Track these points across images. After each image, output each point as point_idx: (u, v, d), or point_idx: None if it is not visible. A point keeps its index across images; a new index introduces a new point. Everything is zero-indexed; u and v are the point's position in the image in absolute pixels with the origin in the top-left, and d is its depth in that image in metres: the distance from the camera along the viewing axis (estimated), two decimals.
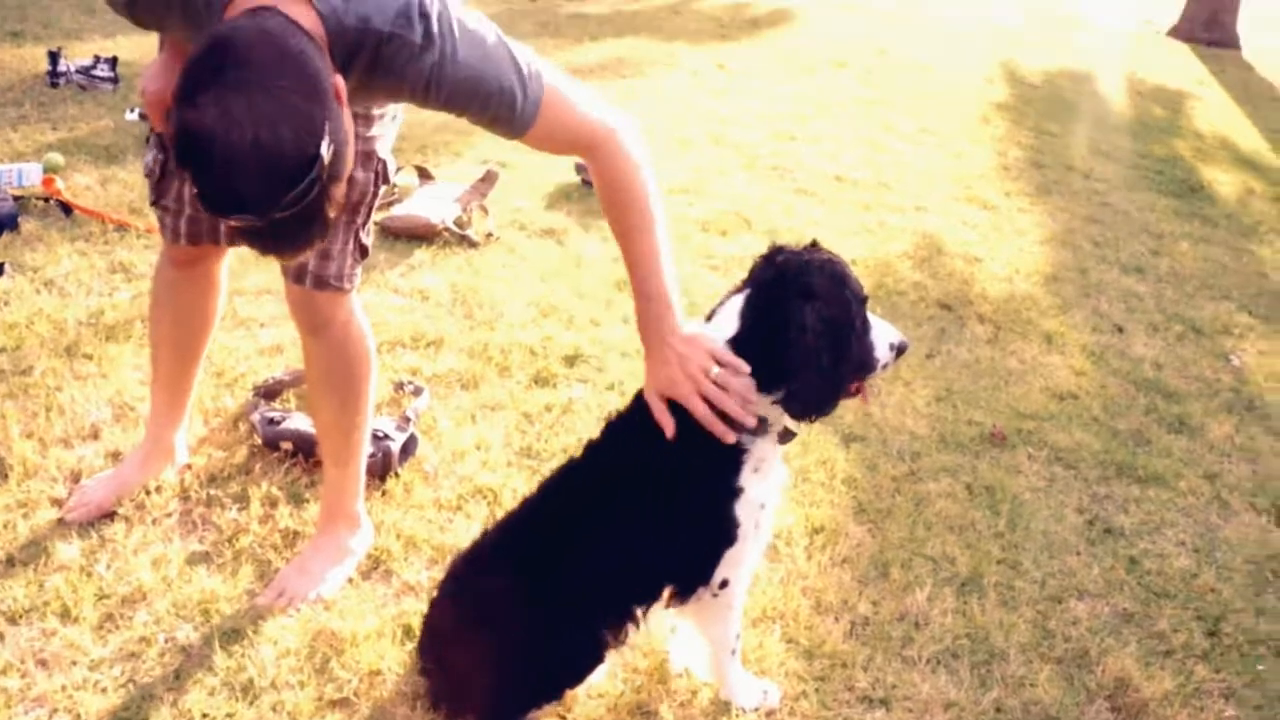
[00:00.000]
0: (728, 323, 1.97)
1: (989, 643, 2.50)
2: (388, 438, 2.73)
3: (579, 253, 4.36)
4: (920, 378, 3.73)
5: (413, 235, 4.22)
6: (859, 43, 10.18)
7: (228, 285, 2.62)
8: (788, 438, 2.04)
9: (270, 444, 2.78)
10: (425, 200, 4.36)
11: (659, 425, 1.96)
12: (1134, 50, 13.23)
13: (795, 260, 1.95)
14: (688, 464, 1.97)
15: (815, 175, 5.93)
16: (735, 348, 1.94)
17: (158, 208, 2.38)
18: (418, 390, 3.11)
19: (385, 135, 2.22)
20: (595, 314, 3.83)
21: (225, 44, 1.57)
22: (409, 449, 2.81)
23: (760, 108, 7.20)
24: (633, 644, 2.19)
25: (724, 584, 2.06)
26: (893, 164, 6.40)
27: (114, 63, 5.60)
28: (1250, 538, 3.11)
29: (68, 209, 3.97)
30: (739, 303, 1.97)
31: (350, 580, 2.41)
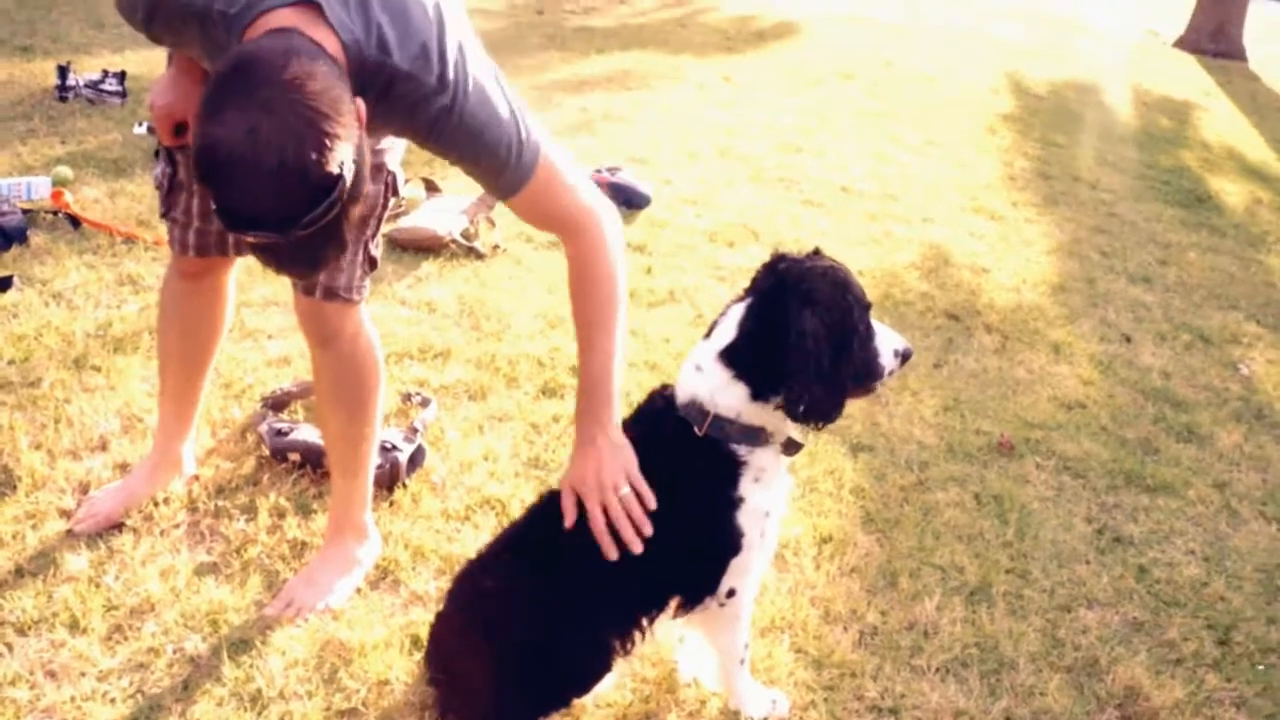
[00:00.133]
0: (728, 331, 1.97)
1: (998, 652, 2.49)
2: (396, 449, 2.73)
3: None
4: (928, 387, 3.73)
5: (420, 247, 4.23)
6: (865, 55, 10.19)
7: (235, 297, 2.62)
8: (794, 449, 2.03)
9: (278, 455, 2.78)
10: (432, 213, 4.37)
11: (659, 438, 1.98)
12: (1140, 61, 13.24)
13: (797, 267, 1.95)
14: (686, 475, 1.97)
15: (822, 186, 5.94)
16: (733, 356, 1.94)
17: (167, 220, 2.39)
18: (425, 401, 3.12)
19: (395, 148, 2.23)
20: None
21: (251, 62, 1.58)
22: (417, 460, 2.82)
23: (766, 120, 7.21)
24: (641, 654, 2.20)
25: (731, 593, 2.05)
26: (899, 175, 6.41)
27: (122, 77, 5.63)
28: (1260, 546, 3.10)
29: (76, 222, 3.99)
30: (740, 311, 1.97)
31: (358, 590, 2.41)
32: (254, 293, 3.61)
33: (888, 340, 2.00)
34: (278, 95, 1.54)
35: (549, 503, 2.07)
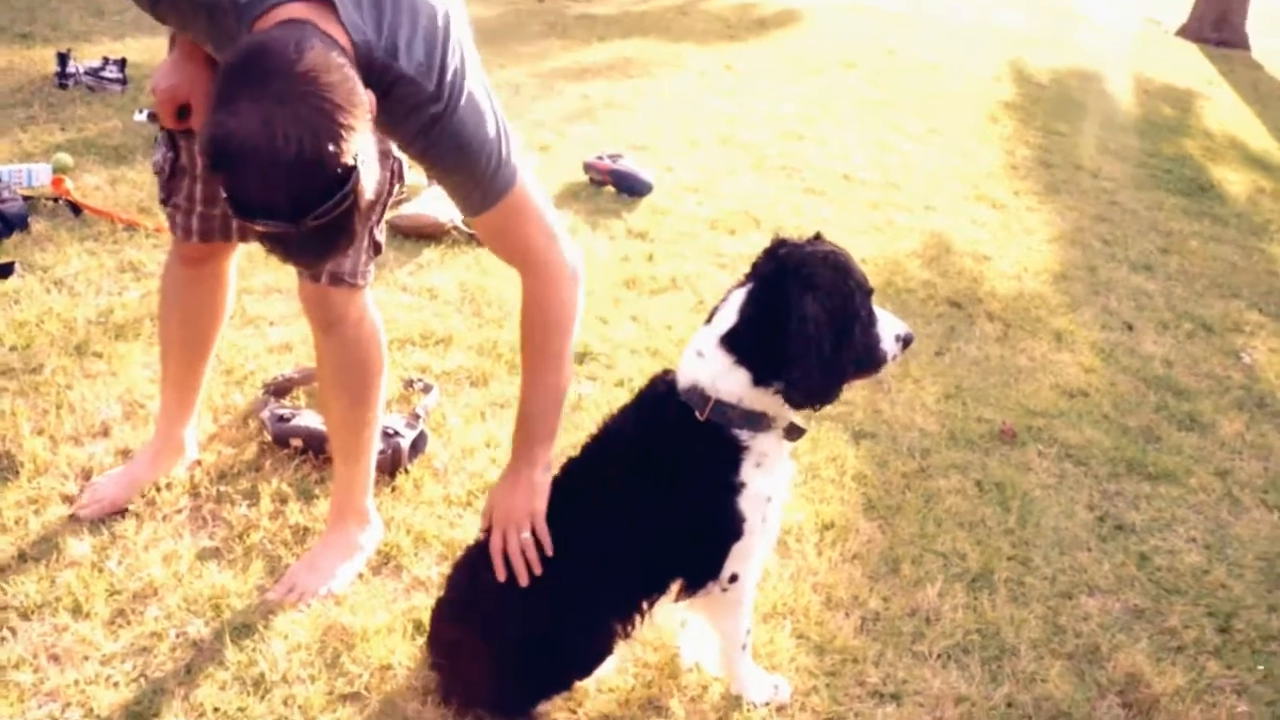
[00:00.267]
0: (729, 317, 1.96)
1: (1000, 638, 2.49)
2: (398, 434, 2.73)
3: (587, 251, 4.35)
4: (930, 375, 3.73)
5: (421, 234, 4.23)
6: (867, 43, 10.16)
7: (236, 283, 2.62)
8: (796, 434, 2.03)
9: (280, 441, 2.78)
10: (434, 200, 4.35)
11: (660, 423, 2.00)
12: (1142, 50, 13.19)
13: (798, 252, 1.95)
14: (687, 460, 1.97)
15: (823, 175, 5.93)
16: (734, 341, 1.94)
17: (168, 206, 2.38)
18: (427, 387, 3.12)
19: None
20: (603, 312, 3.83)
21: (265, 52, 1.57)
22: (419, 446, 2.82)
23: (768, 108, 7.19)
24: (643, 639, 2.20)
25: (733, 578, 2.06)
26: (901, 164, 6.40)
27: (122, 64, 5.62)
28: (1261, 534, 3.10)
29: (77, 209, 3.98)
30: (741, 296, 1.97)
31: (360, 576, 2.42)
32: (255, 279, 3.60)
33: (889, 325, 2.00)
34: (293, 86, 1.54)
35: (551, 489, 2.08)
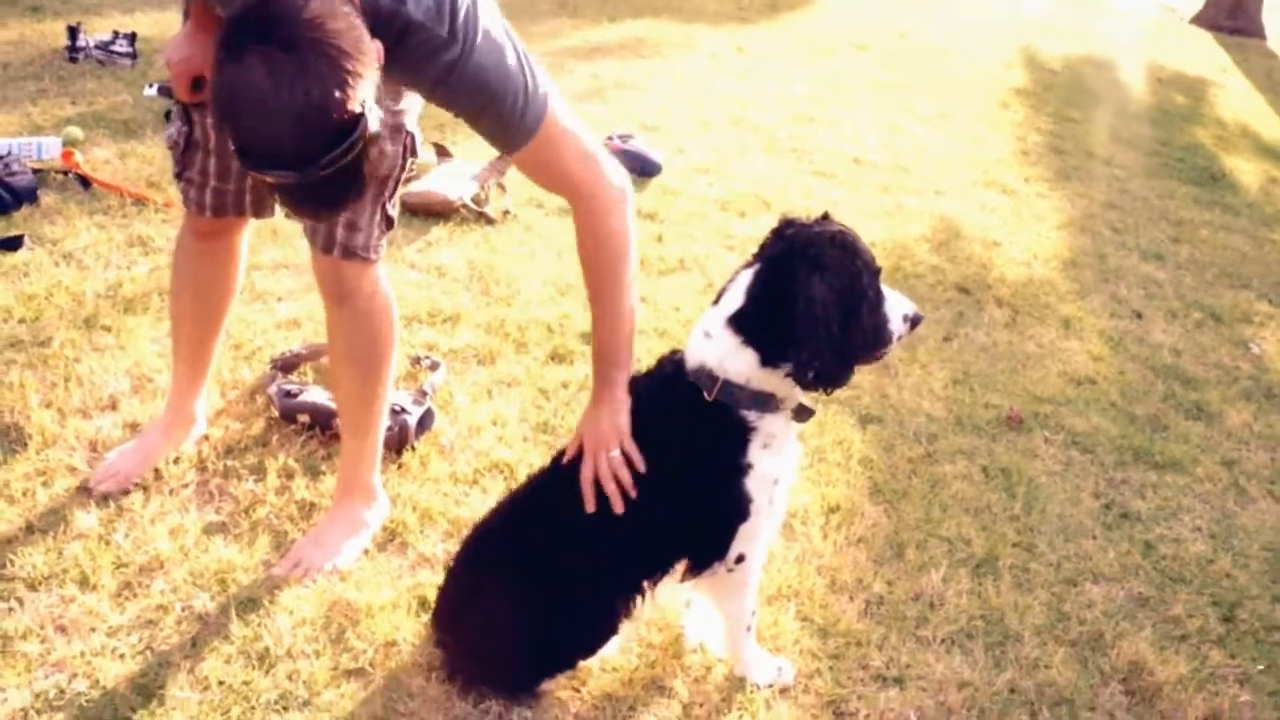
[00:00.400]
0: (737, 297, 1.96)
1: (1004, 624, 2.49)
2: (405, 411, 2.73)
3: None
4: (937, 360, 3.72)
5: (430, 212, 4.22)
6: (879, 26, 10.11)
7: (247, 259, 2.62)
8: (804, 415, 2.03)
9: (287, 416, 2.79)
10: (443, 177, 4.35)
11: (668, 403, 2.01)
12: (1156, 37, 13.11)
13: (805, 233, 1.94)
14: (695, 440, 1.97)
15: (834, 158, 5.91)
16: (741, 322, 1.93)
17: (181, 180, 2.38)
18: (434, 365, 3.12)
19: (413, 109, 2.22)
20: None
21: (270, 1, 1.56)
22: (425, 423, 2.82)
23: (779, 90, 7.16)
24: (648, 619, 2.20)
25: (740, 559, 2.06)
26: (912, 148, 6.37)
27: (132, 38, 5.60)
28: (1268, 525, 3.09)
29: (86, 182, 3.98)
30: (749, 277, 1.96)
31: (366, 552, 2.42)
32: (264, 255, 3.60)
33: (897, 305, 1.99)
34: (299, 33, 1.53)
35: (557, 466, 2.08)
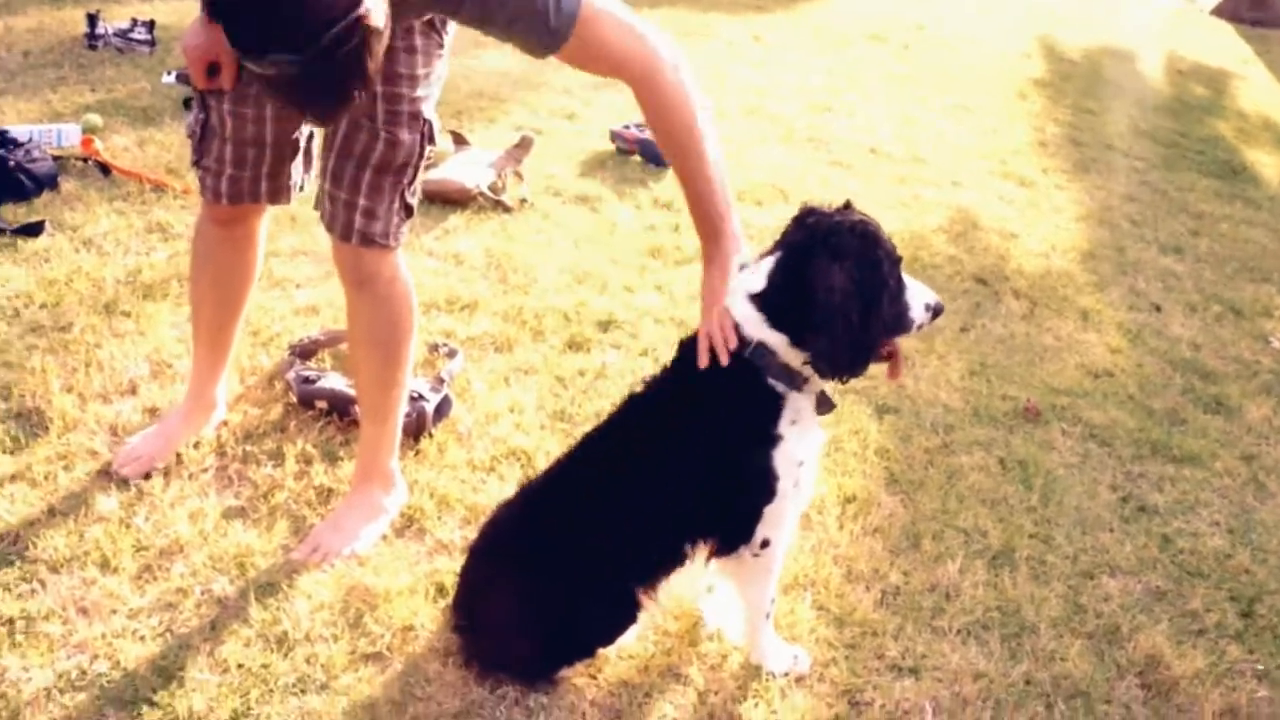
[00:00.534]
0: (756, 284, 1.96)
1: (1020, 616, 2.49)
2: (422, 398, 2.74)
3: (613, 220, 4.35)
4: (955, 351, 3.71)
5: (447, 200, 4.22)
6: (896, 17, 10.05)
7: (266, 245, 2.63)
8: (825, 407, 2.03)
9: (305, 402, 2.80)
10: (460, 165, 4.35)
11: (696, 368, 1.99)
12: (1176, 28, 13.01)
13: (826, 221, 1.94)
14: (728, 404, 1.97)
15: (851, 148, 5.89)
16: (761, 305, 1.93)
17: (199, 168, 2.38)
18: (452, 352, 3.12)
19: (430, 96, 2.22)
20: (629, 280, 3.83)
21: None
22: (443, 410, 2.83)
23: (796, 80, 7.14)
24: (664, 607, 2.21)
25: (765, 543, 2.06)
26: (928, 138, 6.34)
27: (151, 26, 5.62)
28: None
29: (106, 169, 4.00)
30: (769, 265, 1.96)
31: (384, 537, 2.43)
32: (283, 242, 3.61)
33: (919, 294, 1.99)
34: None
35: (577, 452, 2.08)
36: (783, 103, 6.53)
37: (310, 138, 2.39)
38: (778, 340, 1.93)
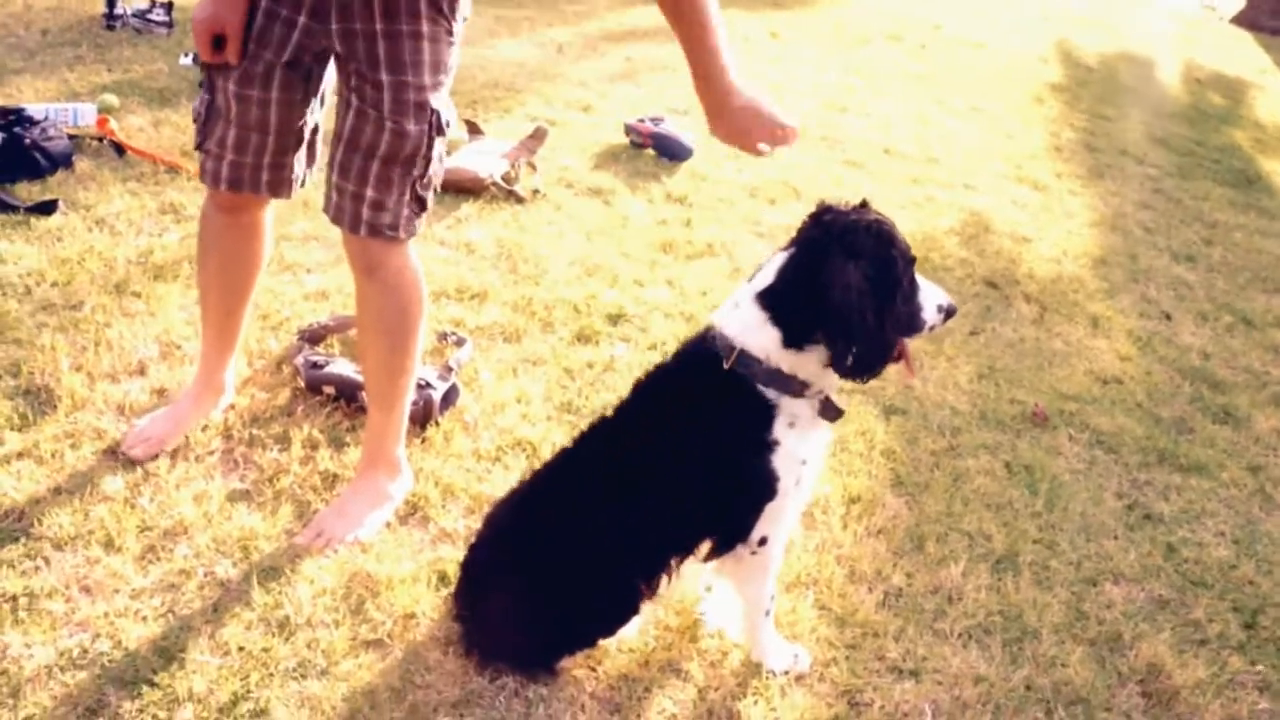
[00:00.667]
0: (768, 276, 1.96)
1: (1022, 621, 2.48)
2: (430, 386, 2.74)
3: (625, 214, 4.35)
4: (963, 354, 3.70)
5: (460, 189, 4.22)
6: (914, 17, 10.04)
7: (274, 231, 2.62)
8: (832, 414, 2.02)
9: (313, 387, 2.80)
10: (473, 155, 4.36)
11: (693, 369, 2.00)
12: (1194, 36, 12.97)
13: (842, 219, 1.94)
14: (718, 411, 1.96)
15: (865, 147, 5.87)
16: (770, 299, 1.93)
17: (201, 151, 2.36)
18: (460, 341, 3.12)
19: (440, 86, 2.20)
20: (639, 274, 3.82)
21: None
22: (450, 399, 2.83)
23: (812, 77, 7.13)
24: (665, 602, 2.21)
25: (763, 541, 2.06)
26: (943, 140, 6.33)
27: (169, 7, 5.63)
28: None
29: (120, 149, 4.01)
30: (783, 260, 1.96)
31: (388, 525, 2.44)
32: (294, 227, 3.62)
33: (932, 295, 1.99)
34: None
35: (582, 444, 2.08)
36: (798, 100, 6.51)
37: (315, 130, 2.38)
38: (769, 341, 1.92)
